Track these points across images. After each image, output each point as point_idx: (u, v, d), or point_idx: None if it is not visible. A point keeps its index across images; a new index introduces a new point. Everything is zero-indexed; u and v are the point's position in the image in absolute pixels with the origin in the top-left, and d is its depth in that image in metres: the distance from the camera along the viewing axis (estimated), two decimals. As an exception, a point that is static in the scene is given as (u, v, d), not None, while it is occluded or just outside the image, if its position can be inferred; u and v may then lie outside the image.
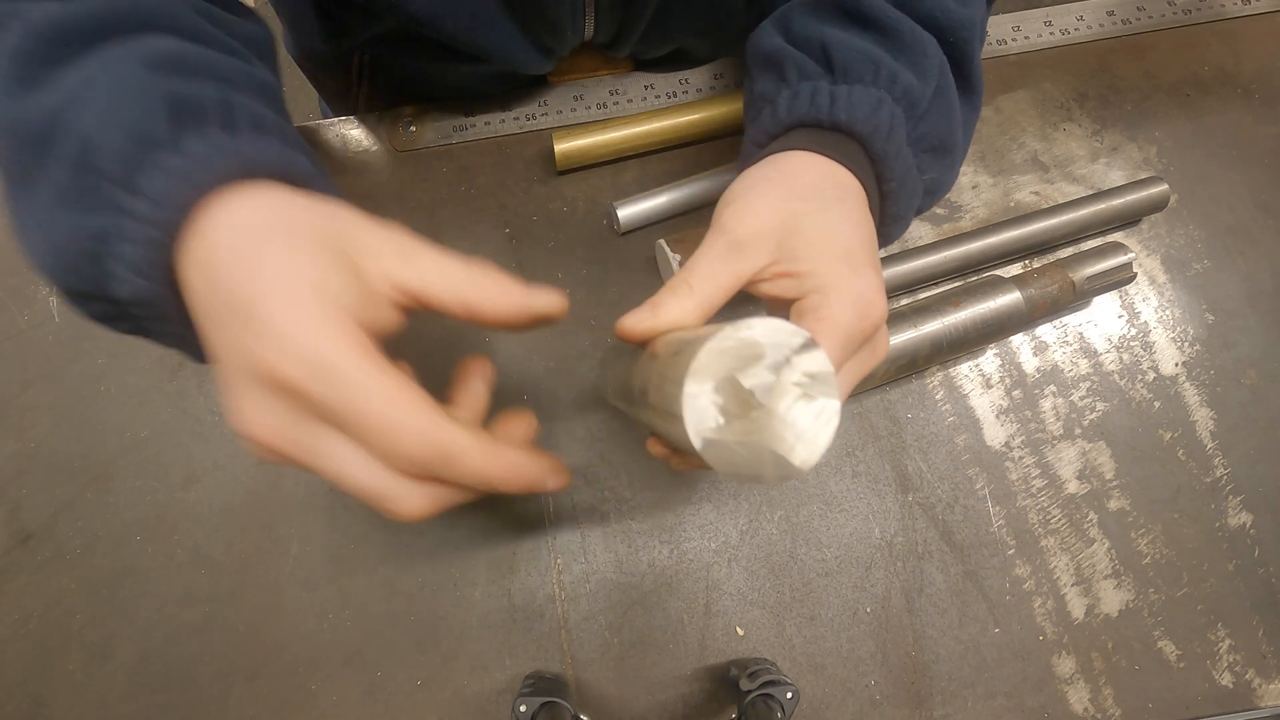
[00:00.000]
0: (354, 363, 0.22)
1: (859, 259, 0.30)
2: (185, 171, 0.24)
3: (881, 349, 0.32)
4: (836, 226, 0.31)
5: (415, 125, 0.51)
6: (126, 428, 0.44)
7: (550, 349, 0.47)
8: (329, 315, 0.23)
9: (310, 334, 0.22)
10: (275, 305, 0.22)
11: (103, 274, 0.25)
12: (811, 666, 0.42)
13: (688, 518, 0.44)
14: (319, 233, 0.24)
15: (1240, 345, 0.49)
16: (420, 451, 0.23)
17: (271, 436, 0.23)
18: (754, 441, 0.24)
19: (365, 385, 0.22)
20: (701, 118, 0.50)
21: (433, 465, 0.23)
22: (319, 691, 0.40)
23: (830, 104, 0.34)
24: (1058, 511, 0.45)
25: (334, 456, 0.24)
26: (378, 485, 0.24)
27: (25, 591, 0.42)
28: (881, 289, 0.31)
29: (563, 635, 0.42)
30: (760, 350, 0.24)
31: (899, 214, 0.35)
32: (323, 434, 0.23)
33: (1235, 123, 0.54)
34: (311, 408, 0.23)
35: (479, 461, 0.24)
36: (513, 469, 0.25)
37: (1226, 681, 0.43)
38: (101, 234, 0.25)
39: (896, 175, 0.34)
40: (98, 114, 0.25)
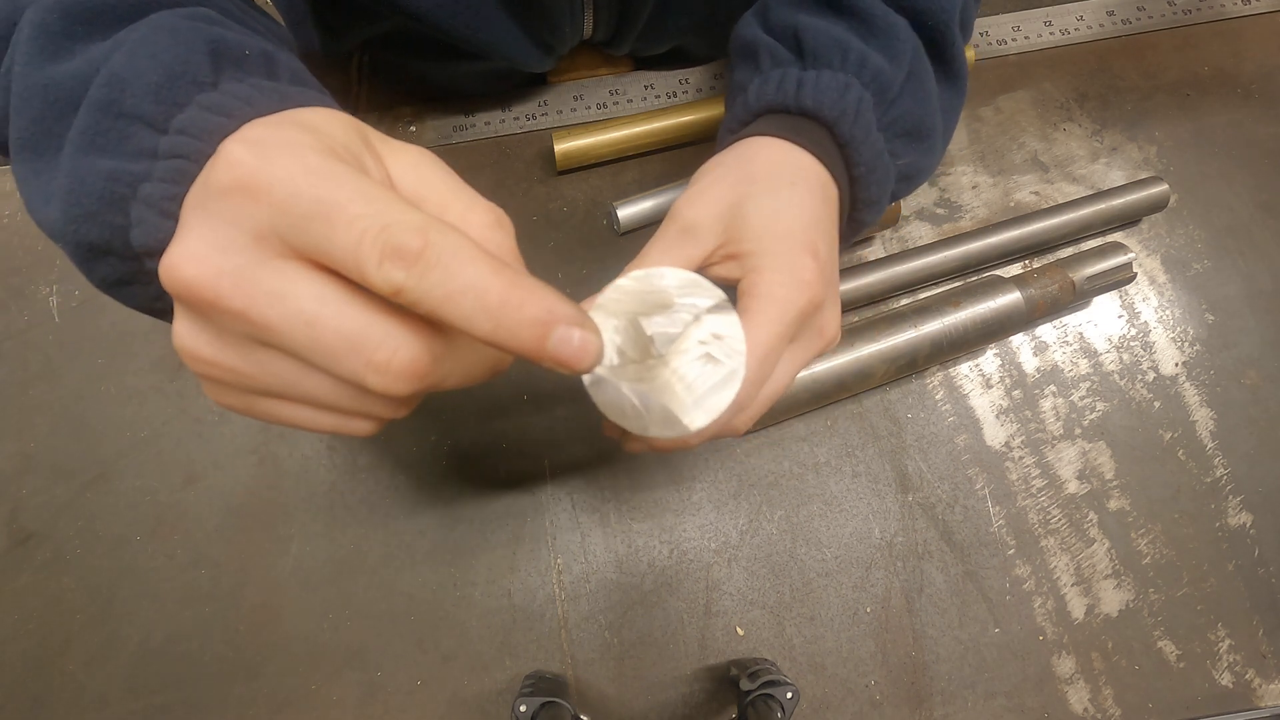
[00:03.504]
0: (329, 163, 0.19)
1: (799, 239, 0.30)
2: (224, 107, 0.22)
3: (829, 331, 0.32)
4: (783, 208, 0.31)
5: (415, 125, 0.51)
6: (126, 428, 0.44)
7: (550, 349, 0.46)
8: (313, 136, 0.20)
9: (279, 137, 0.20)
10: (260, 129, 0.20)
11: (123, 222, 0.23)
12: (811, 666, 0.42)
13: (688, 518, 0.44)
14: (349, 119, 0.22)
15: (1240, 345, 0.49)
16: (416, 244, 0.18)
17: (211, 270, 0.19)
18: (644, 390, 0.23)
19: (342, 179, 0.19)
20: (702, 118, 0.50)
21: (425, 264, 0.18)
22: (319, 691, 0.40)
23: (797, 89, 0.34)
24: (1058, 511, 0.45)
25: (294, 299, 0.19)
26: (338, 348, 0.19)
27: (25, 591, 0.42)
28: (823, 271, 0.31)
29: (563, 635, 0.42)
30: (669, 300, 0.24)
31: (870, 199, 0.35)
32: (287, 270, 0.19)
33: (1235, 123, 0.54)
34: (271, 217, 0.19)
35: (477, 267, 0.18)
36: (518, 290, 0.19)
37: (1226, 681, 0.43)
38: (128, 177, 0.23)
39: (865, 159, 0.34)
40: (131, 53, 0.23)
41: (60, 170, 0.24)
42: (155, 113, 0.23)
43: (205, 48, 0.24)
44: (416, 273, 0.18)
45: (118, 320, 0.46)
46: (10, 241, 0.48)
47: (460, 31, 0.44)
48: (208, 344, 0.21)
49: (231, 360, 0.21)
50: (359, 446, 0.44)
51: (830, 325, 0.32)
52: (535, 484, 0.44)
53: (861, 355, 0.43)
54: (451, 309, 0.18)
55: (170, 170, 0.22)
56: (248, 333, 0.20)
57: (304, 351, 0.20)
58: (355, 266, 0.18)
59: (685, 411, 0.24)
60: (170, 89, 0.23)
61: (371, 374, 0.20)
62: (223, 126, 0.22)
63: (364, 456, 0.44)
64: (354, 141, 0.21)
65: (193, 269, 0.19)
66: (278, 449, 0.44)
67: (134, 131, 0.23)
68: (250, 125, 0.21)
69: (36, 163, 0.25)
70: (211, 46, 0.24)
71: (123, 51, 0.24)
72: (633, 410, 0.24)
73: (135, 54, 0.23)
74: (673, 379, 0.24)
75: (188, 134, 0.22)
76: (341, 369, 0.20)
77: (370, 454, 0.44)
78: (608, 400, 0.24)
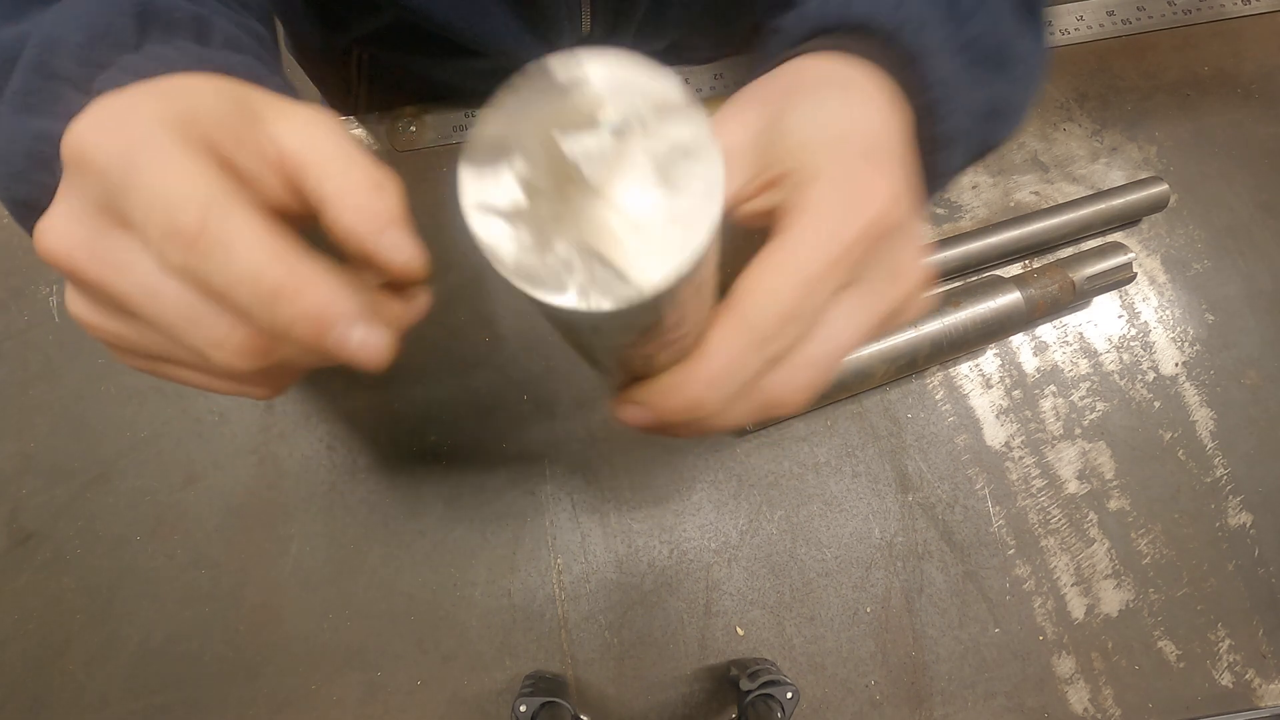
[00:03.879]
0: (157, 136, 0.18)
1: (857, 146, 0.22)
2: (143, 70, 0.22)
3: (908, 275, 0.23)
4: (833, 114, 0.23)
5: (415, 125, 0.51)
6: (126, 428, 0.44)
7: (550, 349, 0.47)
8: (165, 107, 0.19)
9: (125, 108, 0.19)
10: (117, 97, 0.19)
11: (51, 179, 0.22)
12: (811, 666, 0.42)
13: (688, 518, 0.44)
14: (230, 83, 0.21)
15: (1240, 345, 0.49)
16: (192, 222, 0.17)
17: (64, 241, 0.19)
18: (565, 231, 0.16)
19: (155, 154, 0.18)
20: (701, 118, 0.50)
21: (198, 248, 0.17)
22: (319, 691, 0.40)
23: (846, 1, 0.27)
24: (1058, 511, 0.45)
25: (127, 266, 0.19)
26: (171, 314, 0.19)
27: (25, 591, 0.42)
28: (892, 185, 0.22)
29: (563, 635, 0.42)
30: (597, 104, 0.16)
31: (949, 134, 0.27)
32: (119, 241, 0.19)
33: (1235, 123, 0.54)
34: (101, 191, 0.19)
35: (250, 251, 0.18)
36: (290, 276, 0.18)
37: (1226, 681, 0.43)
38: (53, 138, 0.21)
39: (937, 78, 0.26)
40: (61, 14, 0.24)
41: None
42: (79, 74, 0.23)
43: (132, 9, 0.24)
44: (196, 255, 0.17)
45: (118, 320, 0.46)
46: (10, 241, 0.48)
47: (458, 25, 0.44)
48: (86, 309, 0.21)
49: (111, 325, 0.21)
50: (359, 446, 0.44)
51: (909, 265, 0.23)
52: (535, 484, 0.44)
53: (861, 355, 0.43)
54: (233, 296, 0.18)
55: None
56: (108, 301, 0.20)
57: (154, 323, 0.19)
58: (146, 242, 0.18)
59: (633, 261, 0.15)
60: (93, 50, 0.23)
61: (213, 350, 0.19)
62: None
63: (364, 457, 0.44)
64: (222, 108, 0.20)
65: (52, 239, 0.19)
66: (278, 449, 0.44)
67: (62, 92, 0.23)
68: (111, 94, 0.19)
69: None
70: (139, 9, 0.24)
71: (54, 12, 0.24)
72: (551, 271, 0.16)
73: (64, 16, 0.23)
74: (607, 212, 0.16)
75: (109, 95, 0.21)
76: (187, 343, 0.19)
77: (370, 454, 0.44)
78: (508, 254, 0.16)
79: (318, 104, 0.23)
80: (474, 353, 0.46)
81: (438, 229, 0.48)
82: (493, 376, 0.46)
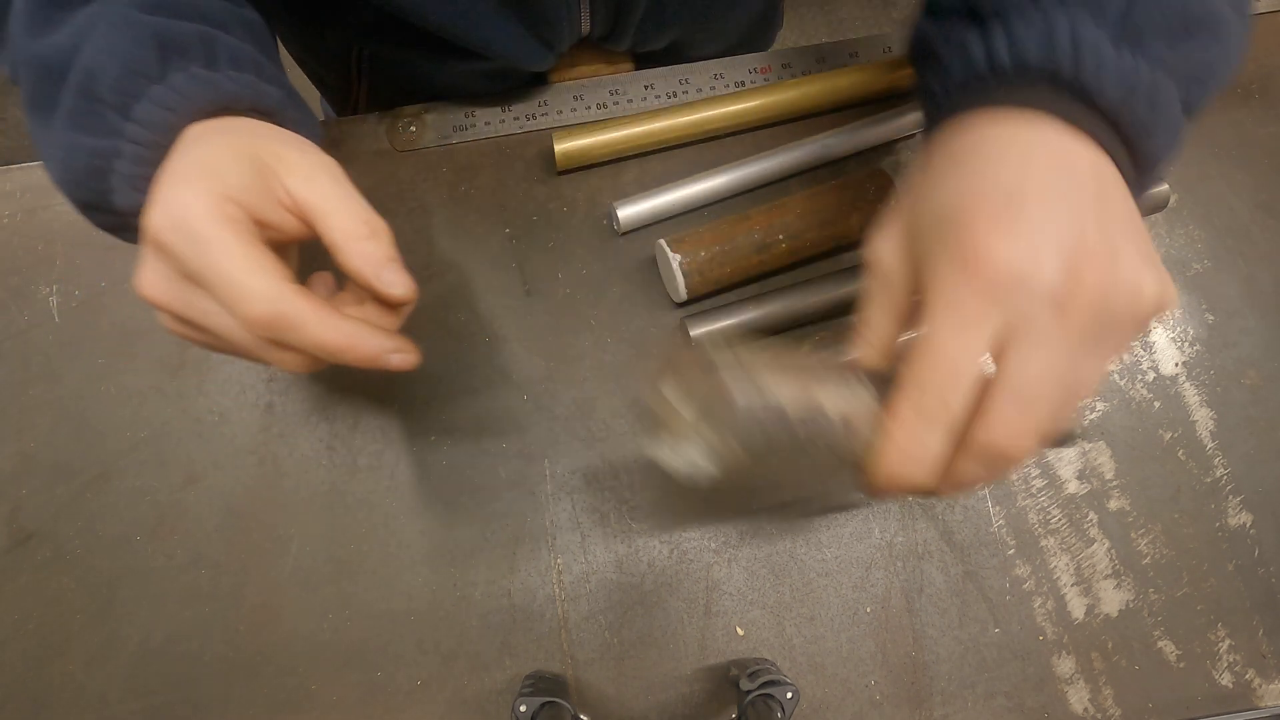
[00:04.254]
0: (217, 230, 0.25)
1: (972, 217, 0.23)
2: (170, 102, 0.29)
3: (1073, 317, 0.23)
4: (933, 193, 0.25)
5: (415, 125, 0.51)
6: (126, 428, 0.44)
7: (550, 349, 0.47)
8: (209, 192, 0.26)
9: (184, 203, 0.26)
10: (170, 179, 0.27)
11: (106, 188, 0.29)
12: (811, 666, 0.42)
13: (688, 518, 0.44)
14: (244, 138, 0.29)
15: (1240, 345, 0.49)
16: (263, 314, 0.25)
17: (158, 294, 0.27)
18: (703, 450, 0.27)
19: (222, 250, 0.25)
20: (701, 118, 0.50)
21: (275, 330, 0.26)
22: (319, 691, 0.40)
23: (986, 54, 0.27)
24: (1058, 511, 0.45)
25: (211, 315, 0.27)
26: (250, 342, 0.27)
27: (25, 591, 0.42)
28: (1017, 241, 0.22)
29: (563, 635, 0.42)
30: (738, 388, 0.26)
31: (1144, 124, 0.26)
32: (200, 295, 0.27)
33: (1235, 123, 0.54)
34: (182, 268, 0.26)
35: (317, 330, 0.26)
36: (350, 339, 0.27)
37: (1226, 681, 0.43)
38: (104, 153, 0.29)
39: (1110, 88, 0.25)
40: (98, 48, 0.29)
41: (55, 142, 0.30)
42: (118, 102, 0.29)
43: (153, 40, 0.29)
44: (271, 331, 0.26)
45: (118, 320, 0.46)
46: (10, 241, 0.48)
47: (449, 27, 0.44)
48: (172, 324, 0.29)
49: (191, 334, 0.29)
50: (359, 446, 0.44)
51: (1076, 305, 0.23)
52: (535, 484, 0.44)
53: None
54: (311, 350, 0.27)
55: (135, 154, 0.29)
56: (192, 324, 0.28)
57: (231, 347, 0.28)
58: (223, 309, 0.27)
59: None
60: (127, 82, 0.29)
61: (278, 364, 0.28)
62: (168, 120, 0.29)
63: (364, 457, 0.44)
64: (245, 177, 0.27)
65: (148, 289, 0.28)
66: (278, 449, 0.44)
67: (105, 114, 0.29)
68: (171, 179, 0.27)
69: (40, 121, 0.32)
70: (159, 39, 0.29)
71: (91, 44, 0.29)
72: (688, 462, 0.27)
73: (100, 48, 0.29)
74: None
75: (143, 125, 0.29)
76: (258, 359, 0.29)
77: (370, 454, 0.44)
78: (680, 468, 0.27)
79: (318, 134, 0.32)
80: (474, 353, 0.46)
81: (436, 229, 0.49)
82: (493, 376, 0.46)
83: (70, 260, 0.47)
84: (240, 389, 0.45)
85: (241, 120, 0.30)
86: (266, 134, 0.29)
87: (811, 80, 0.51)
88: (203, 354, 0.46)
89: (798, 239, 0.46)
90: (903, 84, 0.52)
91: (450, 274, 0.48)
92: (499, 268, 0.48)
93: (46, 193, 0.49)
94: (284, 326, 0.26)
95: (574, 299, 0.48)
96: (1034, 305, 0.23)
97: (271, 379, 0.45)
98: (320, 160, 0.29)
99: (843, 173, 0.51)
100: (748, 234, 0.45)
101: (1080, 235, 0.23)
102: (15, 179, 0.49)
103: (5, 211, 0.49)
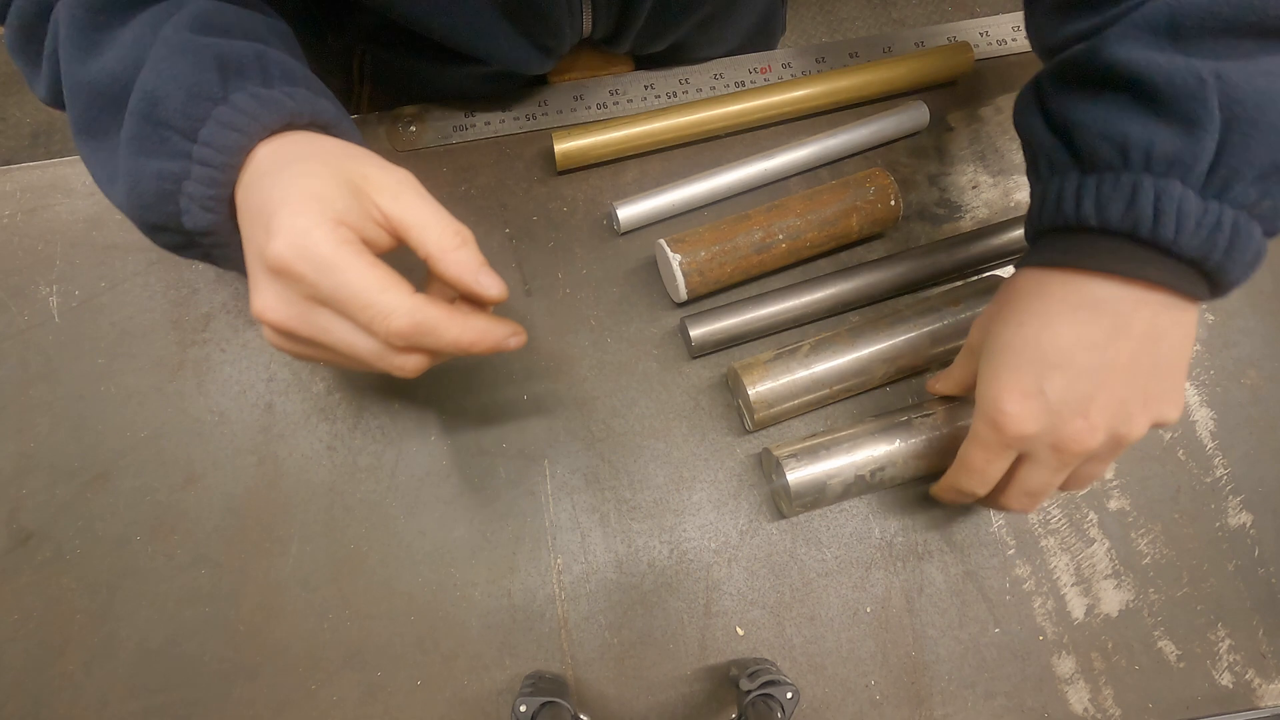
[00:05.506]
0: (342, 255, 0.28)
1: (1002, 358, 0.34)
2: (237, 123, 0.30)
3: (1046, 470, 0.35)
4: (1001, 329, 0.34)
5: (415, 125, 0.51)
6: (126, 428, 0.44)
7: (550, 348, 0.47)
8: (325, 219, 0.28)
9: (307, 231, 0.27)
10: (284, 210, 0.28)
11: (175, 210, 0.31)
12: (811, 666, 0.42)
13: (688, 518, 0.44)
14: (333, 161, 0.30)
15: (1240, 345, 0.49)
16: (405, 326, 0.28)
17: (282, 318, 0.29)
18: None
19: (354, 273, 0.28)
20: (701, 118, 0.50)
21: (416, 337, 0.29)
22: (319, 691, 0.40)
23: (1076, 205, 0.31)
24: (1058, 511, 0.45)
25: (335, 331, 0.29)
26: (378, 352, 0.29)
27: (25, 591, 0.42)
28: (1030, 397, 0.33)
29: (563, 635, 0.42)
30: None
31: (1226, 273, 0.30)
32: (324, 314, 0.29)
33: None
34: (310, 292, 0.28)
35: (454, 331, 0.29)
36: (481, 333, 0.30)
37: (1226, 681, 0.43)
38: (172, 176, 0.30)
39: (1192, 248, 0.29)
40: (158, 73, 0.30)
41: (120, 167, 0.32)
42: (184, 125, 0.30)
43: (213, 62, 0.31)
44: (413, 339, 0.29)
45: (118, 320, 0.46)
46: (10, 241, 0.48)
47: (451, 37, 0.44)
48: (284, 343, 0.31)
49: (304, 351, 0.31)
50: (359, 447, 0.44)
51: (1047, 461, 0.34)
52: (535, 484, 0.44)
53: (861, 355, 0.43)
54: (446, 350, 0.30)
55: (204, 176, 0.30)
56: (306, 343, 0.31)
57: (350, 359, 0.30)
58: (356, 325, 0.29)
59: None
60: (193, 105, 0.30)
61: (397, 370, 0.30)
62: (237, 141, 0.30)
63: (364, 457, 0.44)
64: (345, 201, 0.29)
65: (271, 314, 0.29)
66: (278, 449, 0.44)
67: (170, 137, 0.30)
68: (286, 209, 0.28)
69: (94, 145, 0.33)
70: (218, 61, 0.31)
71: (150, 69, 0.30)
72: None
73: (160, 73, 0.30)
74: None
75: (212, 147, 0.30)
76: (374, 369, 0.31)
77: (370, 454, 0.44)
78: None
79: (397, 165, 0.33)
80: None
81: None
82: (493, 376, 0.46)
83: (70, 260, 0.47)
84: (240, 389, 0.45)
85: (309, 137, 0.32)
86: (344, 154, 0.31)
87: (811, 80, 0.51)
88: (203, 354, 0.46)
89: (798, 239, 0.46)
90: (901, 84, 0.53)
91: (450, 274, 0.48)
92: (499, 267, 0.48)
93: (46, 193, 0.49)
94: (423, 333, 0.28)
95: (574, 299, 0.48)
96: (1037, 449, 0.34)
97: (271, 379, 0.45)
98: (402, 175, 0.31)
99: (843, 173, 0.51)
100: (748, 234, 0.45)
101: (1086, 401, 0.32)
102: (15, 179, 0.49)
103: (5, 211, 0.49)
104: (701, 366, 0.47)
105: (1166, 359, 0.32)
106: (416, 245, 0.30)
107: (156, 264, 0.47)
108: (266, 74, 0.32)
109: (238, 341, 0.46)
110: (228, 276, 0.47)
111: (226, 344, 0.46)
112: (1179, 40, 0.30)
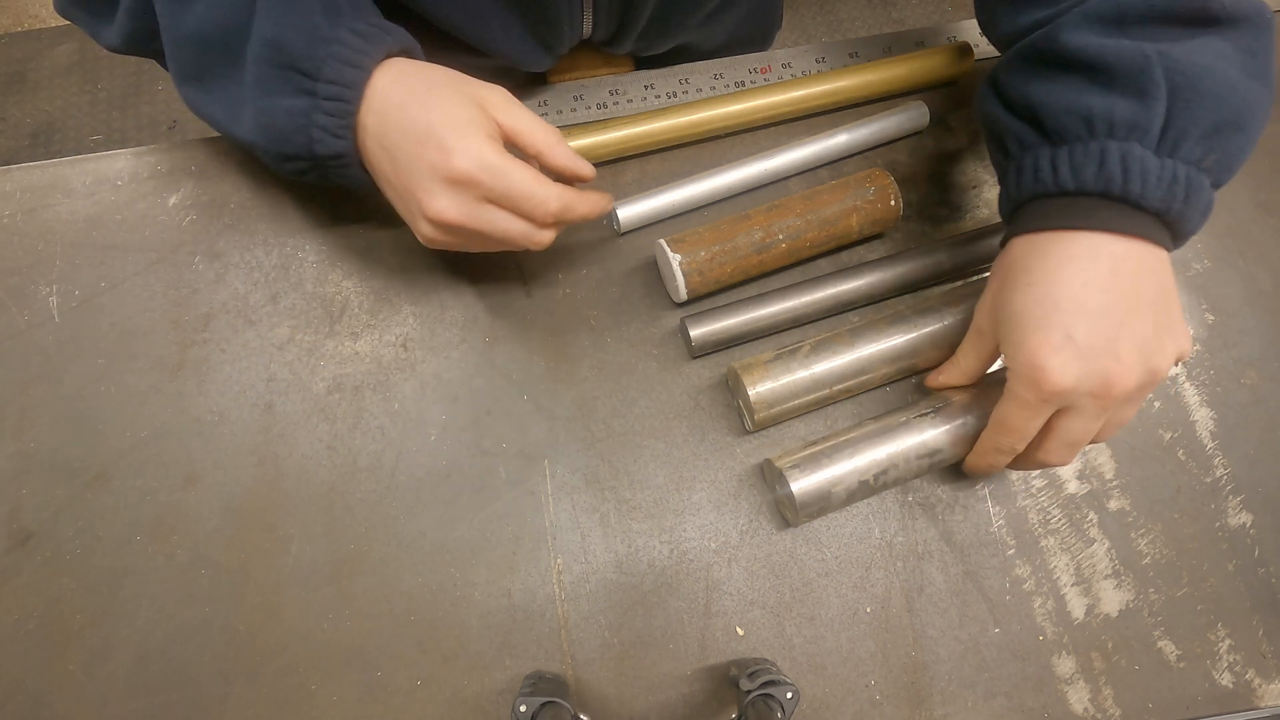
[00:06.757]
0: (507, 162, 0.36)
1: (1022, 320, 0.35)
2: (352, 59, 0.36)
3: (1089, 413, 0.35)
4: (1012, 296, 0.35)
5: (415, 125, 0.51)
6: (126, 428, 0.44)
7: (550, 348, 0.47)
8: (485, 137, 0.36)
9: (479, 148, 0.36)
10: (452, 134, 0.35)
11: (306, 140, 0.37)
12: (811, 666, 0.42)
13: (688, 518, 0.44)
14: (458, 88, 0.37)
15: (1240, 345, 0.49)
16: (558, 207, 0.38)
17: (455, 216, 0.36)
18: None
19: (519, 174, 0.36)
20: (701, 118, 0.50)
21: (562, 214, 0.38)
22: (319, 691, 0.40)
23: (1053, 174, 0.35)
24: (1058, 511, 0.45)
25: (498, 221, 0.37)
26: (527, 232, 0.38)
27: (25, 591, 0.42)
28: (1059, 350, 0.33)
29: (563, 635, 0.42)
30: None
31: (1186, 217, 0.34)
32: (488, 209, 0.37)
33: (1235, 123, 0.54)
34: (484, 193, 0.36)
35: (584, 206, 0.40)
36: (598, 205, 0.41)
37: (1226, 681, 0.43)
38: (302, 111, 0.36)
39: (1156, 198, 0.33)
40: (275, 21, 0.36)
41: (246, 108, 0.38)
42: (307, 66, 0.36)
43: (319, 6, 0.36)
44: (560, 216, 0.39)
45: (118, 320, 0.46)
46: (10, 241, 0.48)
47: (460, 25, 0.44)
48: (444, 238, 0.39)
49: (458, 241, 0.40)
50: (359, 446, 0.44)
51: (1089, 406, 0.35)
52: (535, 484, 0.44)
53: (862, 355, 0.43)
54: (577, 220, 0.41)
55: (333, 109, 0.36)
56: (468, 234, 0.39)
57: (503, 241, 0.39)
58: (517, 212, 0.38)
59: None
60: (313, 47, 0.36)
61: (537, 242, 0.40)
62: (355, 76, 0.36)
63: (364, 457, 0.44)
64: (485, 119, 0.37)
65: (449, 214, 0.37)
66: (278, 449, 0.44)
67: (293, 78, 0.36)
68: (454, 133, 0.36)
69: (204, 89, 0.39)
70: (322, 5, 0.37)
71: (264, 18, 0.36)
72: None
73: (276, 21, 0.36)
74: None
75: (337, 84, 0.36)
76: (519, 245, 0.40)
77: (370, 454, 0.44)
78: None
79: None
80: (474, 353, 0.46)
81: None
82: (493, 376, 0.46)
83: (70, 260, 0.47)
84: (240, 389, 0.45)
85: (416, 66, 0.38)
86: (459, 81, 0.38)
87: (811, 80, 0.51)
88: (203, 354, 0.46)
89: (798, 239, 0.46)
90: (901, 84, 0.53)
91: (450, 274, 0.48)
92: (500, 268, 0.48)
93: (46, 193, 0.49)
94: (567, 210, 0.38)
95: (574, 299, 0.48)
96: (1076, 400, 0.35)
97: (271, 379, 0.45)
98: (504, 93, 0.39)
99: (843, 173, 0.51)
100: (748, 234, 0.45)
101: (1113, 341, 0.33)
102: (15, 179, 0.49)
103: (5, 211, 0.49)
104: (701, 366, 0.47)
105: (1164, 293, 0.35)
106: (527, 145, 0.38)
107: (156, 264, 0.47)
108: (355, 11, 0.38)
109: (238, 341, 0.46)
110: (228, 276, 0.47)
111: (226, 344, 0.46)
112: (1124, 27, 0.35)
